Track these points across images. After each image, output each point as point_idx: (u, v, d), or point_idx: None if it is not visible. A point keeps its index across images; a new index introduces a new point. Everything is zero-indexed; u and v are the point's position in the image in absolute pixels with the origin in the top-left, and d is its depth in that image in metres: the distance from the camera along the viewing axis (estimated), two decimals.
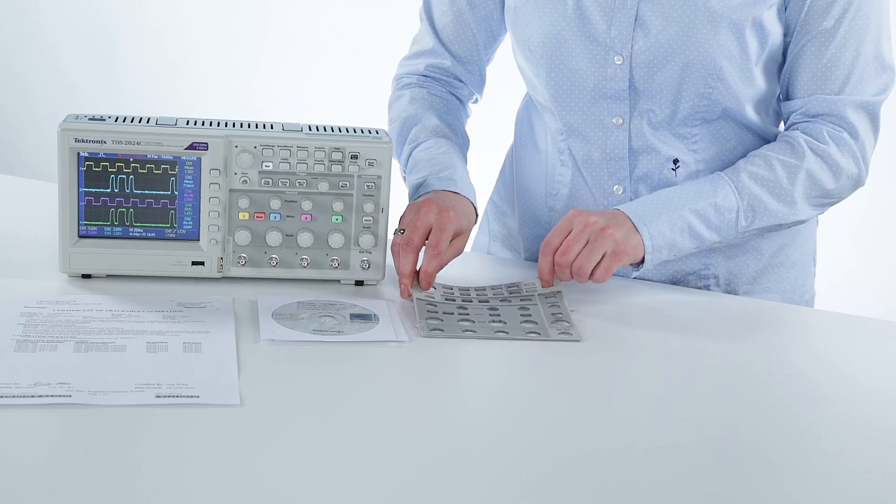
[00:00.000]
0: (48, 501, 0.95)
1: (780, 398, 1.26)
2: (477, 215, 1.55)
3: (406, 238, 1.43)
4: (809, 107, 1.55)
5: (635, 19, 1.52)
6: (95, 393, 1.13)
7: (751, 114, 1.58)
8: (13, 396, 1.11)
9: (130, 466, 1.01)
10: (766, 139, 1.61)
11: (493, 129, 2.44)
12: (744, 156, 1.58)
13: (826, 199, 1.56)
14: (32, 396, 1.11)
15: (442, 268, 1.45)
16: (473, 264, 1.65)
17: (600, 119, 1.58)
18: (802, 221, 1.57)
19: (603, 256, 1.44)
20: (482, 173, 1.84)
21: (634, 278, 1.61)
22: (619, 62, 1.54)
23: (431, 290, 1.45)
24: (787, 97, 1.58)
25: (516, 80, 1.72)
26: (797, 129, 1.56)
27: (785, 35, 1.55)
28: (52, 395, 1.12)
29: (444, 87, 1.71)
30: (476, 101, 1.77)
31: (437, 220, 1.44)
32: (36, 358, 1.20)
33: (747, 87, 1.55)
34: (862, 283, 3.30)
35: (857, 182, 1.58)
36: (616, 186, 1.61)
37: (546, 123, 1.66)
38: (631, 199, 1.60)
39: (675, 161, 1.58)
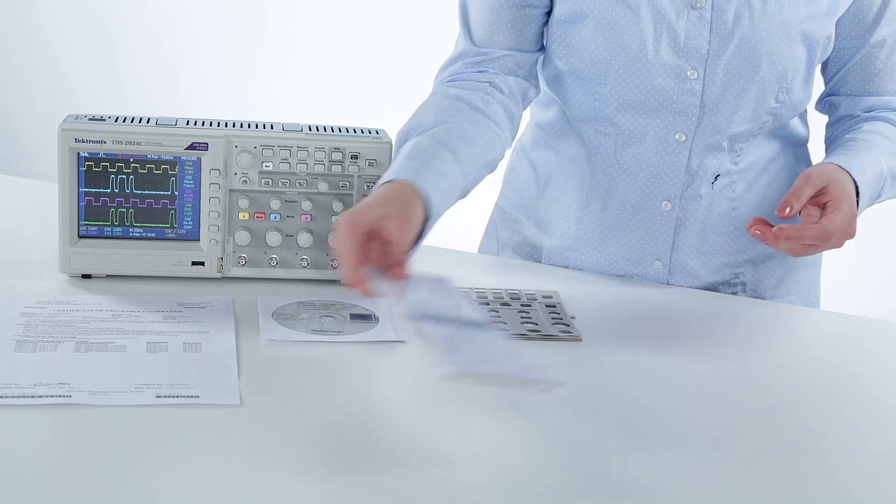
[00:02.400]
0: (48, 501, 0.95)
1: (782, 399, 1.26)
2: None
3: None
4: (863, 104, 1.60)
5: (710, 31, 1.49)
6: (95, 393, 1.13)
7: (796, 122, 1.60)
8: (13, 397, 1.11)
9: (130, 466, 1.01)
10: (794, 143, 1.63)
11: None
12: (770, 163, 1.60)
13: None
14: (32, 397, 1.11)
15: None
16: (475, 267, 1.65)
17: (663, 135, 1.55)
18: None
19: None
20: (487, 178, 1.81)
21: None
22: (693, 76, 1.51)
23: None
24: (833, 93, 1.62)
25: None
26: (882, 115, 1.59)
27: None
28: (52, 396, 1.12)
29: (478, 83, 1.55)
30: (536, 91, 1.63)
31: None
32: (36, 358, 1.20)
33: (805, 99, 1.57)
34: (862, 283, 3.30)
35: None
36: (665, 202, 1.58)
37: (583, 135, 1.60)
38: (677, 217, 1.58)
39: (717, 176, 1.57)
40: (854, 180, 1.45)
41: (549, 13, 1.57)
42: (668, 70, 1.52)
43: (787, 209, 1.39)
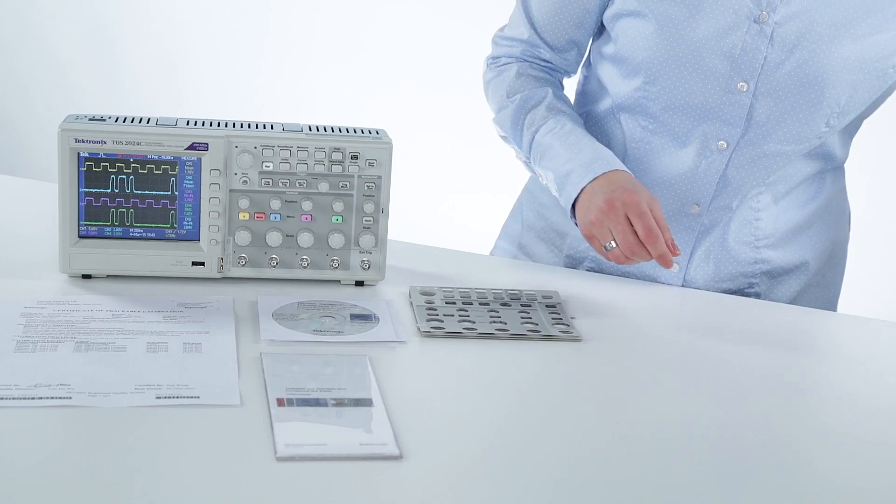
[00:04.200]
0: (48, 502, 0.95)
1: (784, 400, 1.26)
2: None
3: (644, 236, 1.41)
4: None
5: (768, 46, 1.47)
6: (95, 395, 1.13)
7: (834, 141, 1.58)
8: (13, 398, 1.11)
9: (130, 467, 1.01)
10: (830, 161, 1.61)
11: None
12: (803, 180, 1.58)
13: None
14: (33, 398, 1.11)
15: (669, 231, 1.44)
16: (475, 267, 1.65)
17: (704, 140, 1.54)
18: None
19: None
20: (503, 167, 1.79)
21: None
22: (743, 89, 1.50)
23: (432, 291, 1.45)
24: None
25: None
26: None
27: None
28: (53, 398, 1.12)
29: (544, 71, 1.66)
30: (570, 77, 1.71)
31: (631, 210, 1.42)
32: (36, 358, 1.20)
33: (855, 127, 1.57)
34: (862, 282, 3.30)
35: None
36: (694, 206, 1.58)
37: (622, 125, 1.61)
38: (702, 223, 1.58)
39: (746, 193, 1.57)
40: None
41: (612, 2, 1.57)
42: (719, 79, 1.50)
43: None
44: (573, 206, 1.51)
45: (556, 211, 1.70)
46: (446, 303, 1.43)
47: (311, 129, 1.45)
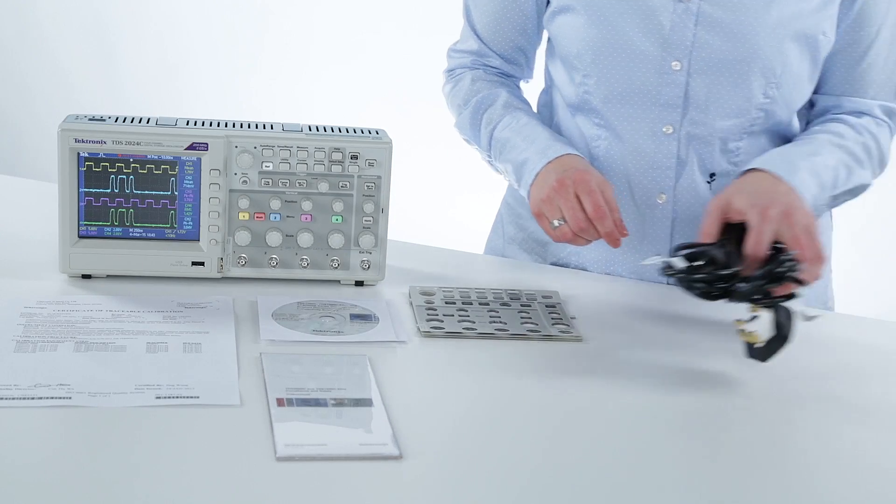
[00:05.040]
0: (48, 502, 0.95)
1: (784, 399, 1.26)
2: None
3: (592, 213, 1.43)
4: (842, 105, 1.59)
5: (696, 24, 1.50)
6: (95, 395, 1.13)
7: (794, 122, 1.58)
8: (13, 398, 1.11)
9: (130, 467, 1.01)
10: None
11: None
12: None
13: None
14: (32, 398, 1.11)
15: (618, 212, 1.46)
16: (475, 267, 1.65)
17: (651, 126, 1.56)
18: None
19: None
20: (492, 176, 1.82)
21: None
22: (676, 68, 1.52)
23: (432, 291, 1.45)
24: (817, 91, 1.60)
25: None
26: (843, 116, 1.58)
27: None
28: (53, 398, 1.12)
29: (497, 76, 1.71)
30: (527, 81, 1.76)
31: (581, 188, 1.44)
32: (36, 358, 1.20)
33: (800, 98, 1.56)
34: (862, 282, 3.30)
35: (884, 169, 1.62)
36: (661, 195, 1.59)
37: (579, 127, 1.63)
38: (673, 209, 1.59)
39: (712, 175, 1.57)
40: (769, 171, 1.43)
41: (548, 4, 1.62)
42: (653, 62, 1.53)
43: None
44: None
45: (534, 220, 1.71)
46: (446, 303, 1.43)
47: (310, 129, 1.45)
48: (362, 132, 1.46)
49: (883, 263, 3.38)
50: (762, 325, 1.26)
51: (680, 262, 1.28)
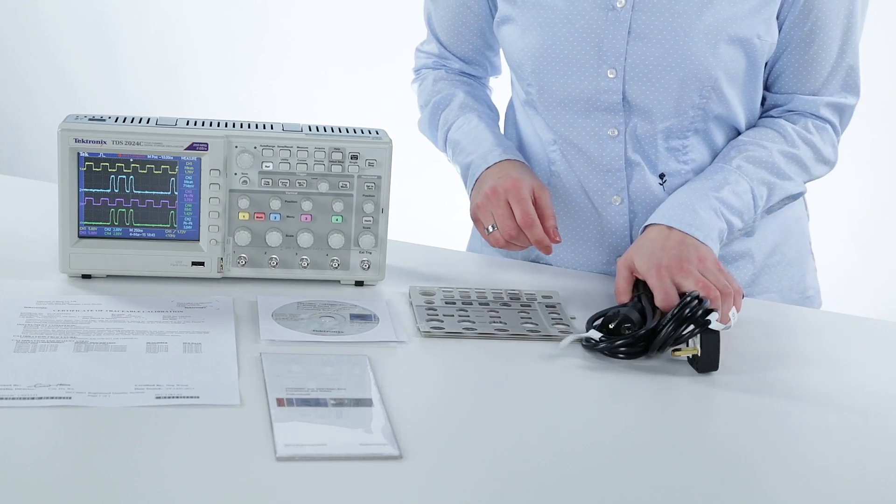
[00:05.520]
0: (48, 502, 0.95)
1: (783, 398, 1.26)
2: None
3: (521, 220, 1.47)
4: (790, 105, 1.59)
5: (629, 32, 1.51)
6: (95, 395, 1.13)
7: (741, 116, 1.58)
8: (13, 398, 1.11)
9: (130, 467, 1.01)
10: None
11: None
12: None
13: (809, 182, 1.60)
14: (32, 398, 1.11)
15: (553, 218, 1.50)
16: (475, 267, 1.65)
17: (595, 131, 1.57)
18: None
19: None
20: None
21: None
22: (611, 75, 1.53)
23: (432, 291, 1.45)
24: (766, 89, 1.60)
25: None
26: (782, 119, 1.58)
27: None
28: (52, 398, 1.12)
29: (459, 75, 1.75)
30: (496, 76, 1.79)
31: (512, 196, 1.48)
32: (36, 358, 1.20)
33: (743, 96, 1.56)
34: (862, 282, 3.31)
35: (832, 168, 1.62)
36: (615, 197, 1.60)
37: (538, 132, 1.65)
38: (630, 210, 1.60)
39: (662, 175, 1.58)
40: (663, 224, 1.45)
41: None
42: (588, 70, 1.54)
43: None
44: None
45: None
46: (446, 303, 1.43)
47: (310, 129, 1.46)
48: (362, 132, 1.46)
49: (882, 263, 3.38)
50: (692, 343, 1.30)
51: (595, 334, 1.31)
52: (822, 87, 1.58)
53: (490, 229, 1.50)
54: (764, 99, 1.62)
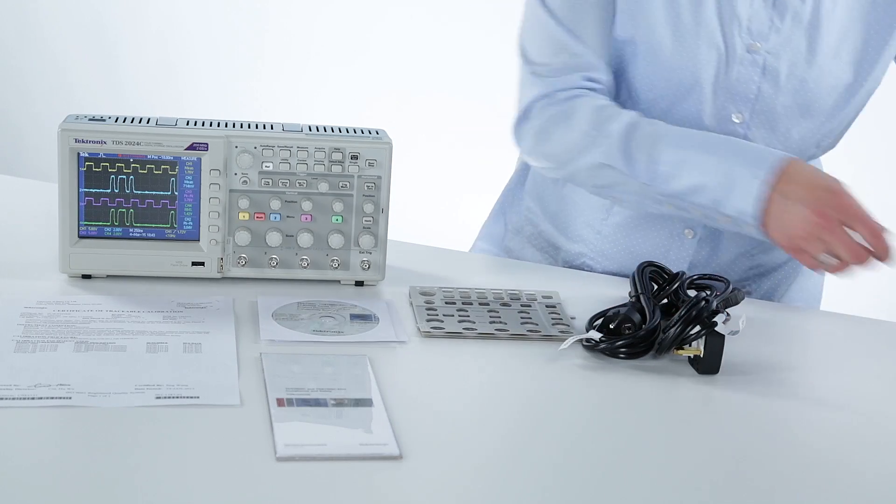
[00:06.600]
0: (49, 502, 0.95)
1: (779, 399, 1.26)
2: None
3: (871, 239, 1.34)
4: None
5: (761, 77, 1.45)
6: (95, 395, 1.13)
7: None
8: (13, 398, 1.11)
9: (130, 467, 1.01)
10: None
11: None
12: None
13: None
14: (32, 398, 1.11)
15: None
16: (475, 267, 1.65)
17: None
18: None
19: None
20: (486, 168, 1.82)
21: None
22: (737, 120, 1.48)
23: (432, 292, 1.45)
24: None
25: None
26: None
27: None
28: (53, 398, 1.12)
29: (610, 98, 1.51)
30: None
31: (848, 215, 1.33)
32: (36, 358, 1.20)
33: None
34: (862, 282, 3.30)
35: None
36: (688, 231, 1.57)
37: None
38: (697, 244, 1.55)
39: None
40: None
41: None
42: (714, 112, 1.49)
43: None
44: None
45: (545, 219, 1.69)
46: (446, 303, 1.43)
47: (310, 130, 1.46)
48: (362, 132, 1.46)
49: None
50: (696, 344, 1.29)
51: (595, 335, 1.30)
52: None
53: (823, 258, 1.35)
54: None
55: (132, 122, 1.42)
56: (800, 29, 1.46)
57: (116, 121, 1.42)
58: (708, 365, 1.28)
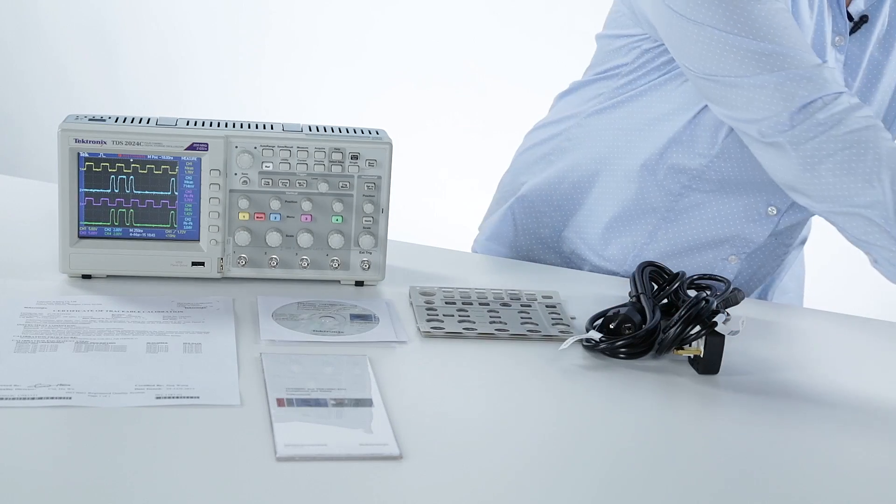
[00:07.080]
0: (48, 502, 0.95)
1: (780, 398, 1.26)
2: None
3: None
4: None
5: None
6: (95, 395, 1.13)
7: None
8: (13, 398, 1.11)
9: (130, 467, 1.01)
10: None
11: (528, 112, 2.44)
12: None
13: None
14: (33, 398, 1.11)
15: None
16: (475, 267, 1.65)
17: (755, 204, 1.52)
18: None
19: None
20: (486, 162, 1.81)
21: None
22: (772, 213, 1.49)
23: (432, 292, 1.45)
24: None
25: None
26: None
27: None
28: (53, 398, 1.12)
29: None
30: None
31: None
32: (36, 359, 1.20)
33: None
34: (861, 282, 3.30)
35: None
36: (732, 257, 1.57)
37: (661, 180, 1.57)
38: (739, 268, 1.56)
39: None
40: None
41: None
42: (747, 204, 1.51)
43: None
44: None
45: (560, 220, 1.68)
46: (446, 303, 1.43)
47: (310, 130, 1.46)
48: (362, 132, 1.46)
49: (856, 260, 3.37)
50: (696, 344, 1.29)
51: (595, 335, 1.30)
52: None
53: None
54: None
55: (132, 122, 1.42)
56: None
57: (116, 121, 1.42)
58: (708, 365, 1.28)
